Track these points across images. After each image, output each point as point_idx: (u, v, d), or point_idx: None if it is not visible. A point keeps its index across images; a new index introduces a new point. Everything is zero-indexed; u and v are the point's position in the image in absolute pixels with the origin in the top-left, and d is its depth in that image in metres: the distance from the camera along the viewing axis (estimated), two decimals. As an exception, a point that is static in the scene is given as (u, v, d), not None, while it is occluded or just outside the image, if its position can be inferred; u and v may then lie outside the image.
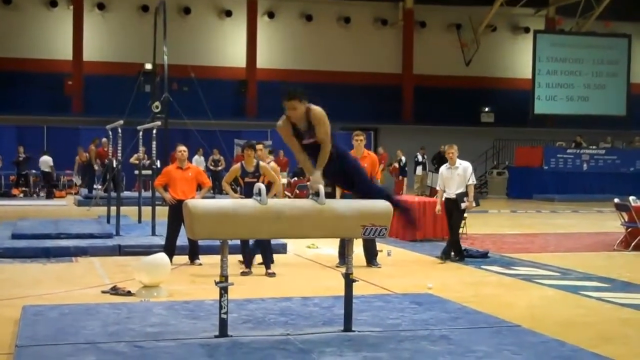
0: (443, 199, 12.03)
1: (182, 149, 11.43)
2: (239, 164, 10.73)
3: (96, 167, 25.05)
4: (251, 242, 10.43)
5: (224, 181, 10.84)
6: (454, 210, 11.93)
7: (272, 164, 11.30)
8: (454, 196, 11.87)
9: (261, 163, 10.50)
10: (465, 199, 11.87)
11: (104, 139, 22.86)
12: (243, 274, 10.26)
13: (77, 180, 27.51)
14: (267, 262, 10.51)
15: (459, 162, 12.03)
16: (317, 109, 6.29)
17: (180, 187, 11.08)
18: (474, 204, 12.33)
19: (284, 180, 21.68)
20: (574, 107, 34.75)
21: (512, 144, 32.37)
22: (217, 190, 26.61)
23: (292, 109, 6.24)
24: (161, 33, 23.62)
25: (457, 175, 11.89)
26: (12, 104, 29.95)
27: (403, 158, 26.98)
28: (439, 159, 29.12)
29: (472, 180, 12.16)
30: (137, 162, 18.79)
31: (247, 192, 10.07)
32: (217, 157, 27.20)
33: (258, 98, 32.72)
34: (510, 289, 9.82)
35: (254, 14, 33.63)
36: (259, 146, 11.17)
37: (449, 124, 33.48)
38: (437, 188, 12.33)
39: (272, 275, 10.31)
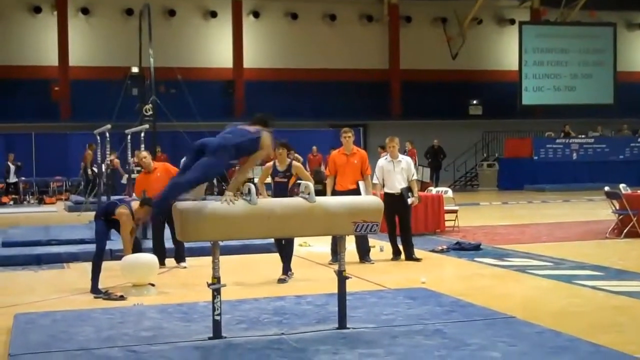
0: (382, 193, 11.63)
1: (142, 155, 11.58)
2: (271, 163, 10.26)
3: (89, 172, 24.96)
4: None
5: (259, 181, 10.39)
6: (398, 206, 11.58)
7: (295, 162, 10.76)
8: (398, 191, 11.57)
9: (294, 163, 10.04)
10: (410, 194, 11.65)
11: (91, 144, 22.82)
12: (280, 281, 9.79)
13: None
14: (285, 265, 10.02)
15: (400, 156, 11.81)
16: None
17: (154, 190, 10.87)
18: (417, 201, 11.96)
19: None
20: (561, 97, 34.81)
21: (501, 135, 32.42)
22: (207, 191, 26.56)
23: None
24: (146, 36, 23.53)
25: (400, 170, 11.60)
26: (-1, 111, 29.86)
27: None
28: (432, 153, 29.21)
29: (415, 176, 12.01)
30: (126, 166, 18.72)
31: (277, 191, 9.80)
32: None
33: (246, 98, 32.66)
34: (503, 280, 9.82)
35: (239, 14, 33.59)
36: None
37: (438, 118, 33.54)
38: (375, 182, 11.73)
39: (283, 281, 9.82)
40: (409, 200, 11.61)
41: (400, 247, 11.70)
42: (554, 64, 34.64)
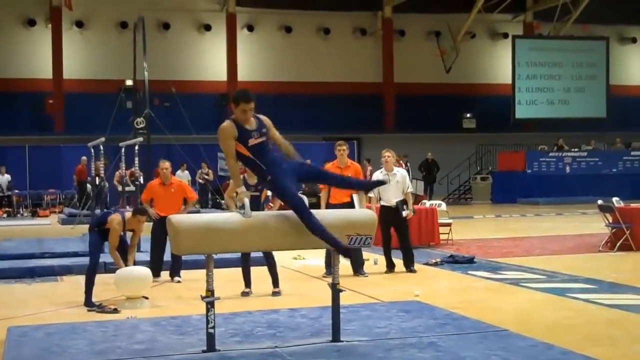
0: (378, 206, 11.69)
1: (165, 165, 11.30)
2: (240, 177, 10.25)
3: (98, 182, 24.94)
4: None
5: (227, 195, 10.21)
6: (395, 219, 11.62)
7: None
8: (394, 204, 11.61)
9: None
10: (405, 207, 11.67)
11: (84, 157, 22.81)
12: (243, 294, 9.81)
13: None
14: (274, 277, 9.95)
15: (395, 169, 11.84)
16: (267, 117, 6.51)
17: (164, 204, 10.95)
18: (412, 213, 11.98)
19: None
20: (554, 110, 34.92)
21: (495, 149, 32.50)
22: (203, 204, 26.58)
23: (250, 111, 6.32)
24: (141, 49, 23.58)
25: (395, 183, 11.62)
26: (-8, 124, 29.82)
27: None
28: (427, 167, 29.27)
29: (410, 188, 12.04)
30: (119, 179, 18.76)
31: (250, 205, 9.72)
32: (206, 170, 27.16)
33: (240, 111, 32.64)
34: (497, 293, 9.83)
35: (233, 28, 33.66)
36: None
37: (431, 132, 33.59)
38: (370, 195, 11.67)
39: (278, 294, 9.81)
40: (404, 213, 11.65)
41: (394, 261, 11.72)
42: (547, 78, 34.78)
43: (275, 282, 9.92)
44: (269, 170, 6.26)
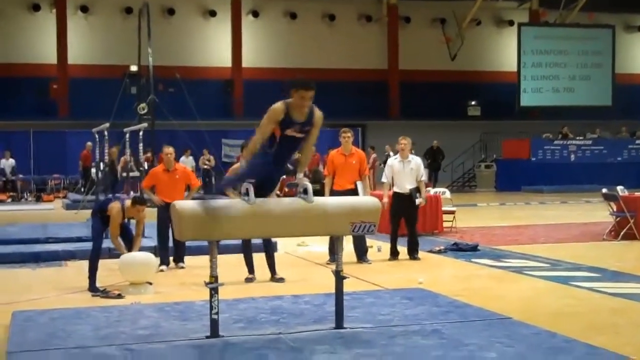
0: (391, 192, 11.71)
1: (168, 151, 11.15)
2: (238, 164, 10.27)
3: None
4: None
5: None
6: (407, 206, 11.64)
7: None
8: (408, 191, 11.60)
9: None
10: (418, 195, 11.68)
11: (89, 143, 22.81)
12: (247, 280, 9.83)
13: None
14: (272, 265, 9.98)
15: (410, 156, 11.83)
16: (320, 112, 6.29)
17: (168, 190, 10.82)
18: (424, 202, 12.00)
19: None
20: (559, 98, 34.86)
21: (499, 136, 32.45)
22: (206, 190, 26.58)
23: (308, 100, 6.14)
24: (145, 34, 23.51)
25: (410, 170, 11.63)
26: (-3, 109, 29.84)
27: (391, 153, 26.96)
28: (432, 154, 29.21)
29: (424, 177, 12.03)
30: (124, 165, 18.71)
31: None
32: (207, 156, 27.17)
33: (244, 97, 32.67)
34: (500, 281, 9.84)
35: (238, 14, 33.60)
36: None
37: (436, 119, 33.54)
38: (384, 180, 11.87)
39: (281, 280, 9.82)
40: (417, 201, 11.65)
41: (398, 249, 11.73)
42: (553, 66, 34.70)
43: (273, 270, 9.93)
44: (260, 159, 6.16)
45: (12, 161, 26.62)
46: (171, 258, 10.94)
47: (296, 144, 6.28)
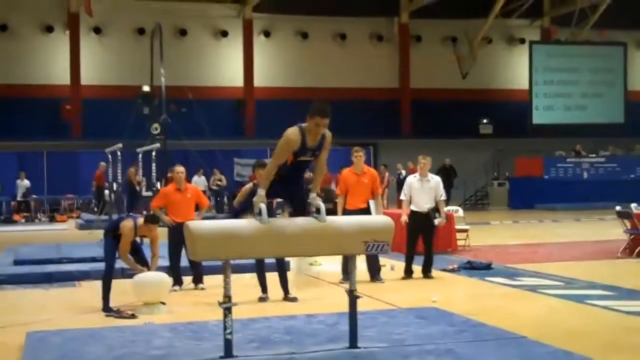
0: (409, 210, 11.69)
1: (179, 170, 11.12)
2: (250, 185, 10.22)
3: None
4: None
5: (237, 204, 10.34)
6: (425, 225, 11.63)
7: None
8: (426, 210, 11.60)
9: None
10: (436, 214, 11.67)
11: (103, 163, 22.92)
12: (261, 299, 9.83)
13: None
14: (285, 284, 10.00)
15: (430, 175, 11.83)
16: (329, 133, 6.35)
17: (179, 210, 10.81)
18: (444, 221, 11.97)
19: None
20: (572, 116, 34.80)
21: (512, 154, 32.35)
22: (218, 210, 26.64)
23: (322, 127, 6.21)
24: (158, 55, 23.70)
25: (429, 189, 11.64)
26: (11, 130, 29.95)
27: (403, 172, 26.96)
28: (444, 172, 29.14)
29: (443, 196, 12.00)
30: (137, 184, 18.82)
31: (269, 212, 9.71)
32: (218, 176, 27.23)
33: (256, 117, 32.76)
34: (514, 299, 9.79)
35: (249, 34, 33.74)
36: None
37: (448, 137, 33.50)
38: (402, 198, 11.90)
39: (294, 300, 9.85)
40: (436, 221, 11.64)
41: (413, 267, 11.70)
42: (565, 83, 34.67)
43: (286, 289, 9.94)
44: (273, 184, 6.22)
45: (27, 182, 26.75)
46: (190, 278, 10.90)
47: (306, 166, 6.38)
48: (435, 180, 11.81)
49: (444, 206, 12.04)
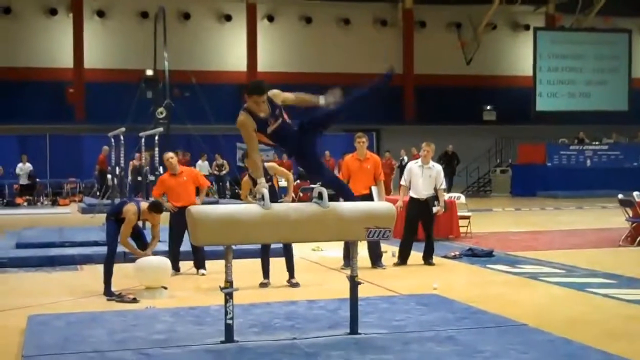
0: (407, 197, 11.67)
1: (169, 155, 11.17)
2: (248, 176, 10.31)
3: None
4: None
5: (242, 196, 10.36)
6: (423, 212, 11.62)
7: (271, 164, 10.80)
8: (424, 197, 11.60)
9: (267, 164, 9.82)
10: (436, 203, 11.67)
11: (106, 147, 22.93)
12: (262, 285, 9.85)
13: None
14: (291, 268, 10.02)
15: (432, 163, 11.82)
16: (273, 90, 6.54)
17: (178, 194, 10.84)
18: (442, 210, 11.97)
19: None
20: (575, 103, 34.73)
21: (515, 141, 32.31)
22: (221, 194, 26.67)
23: (262, 103, 6.37)
24: (161, 39, 23.67)
25: (428, 177, 11.62)
26: (14, 113, 29.98)
27: (405, 158, 26.97)
28: (447, 159, 29.15)
29: (444, 185, 11.98)
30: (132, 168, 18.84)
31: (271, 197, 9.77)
32: (220, 161, 27.23)
33: (260, 101, 32.68)
34: (515, 287, 9.81)
35: (253, 18, 33.67)
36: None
37: (451, 123, 33.45)
38: (402, 183, 11.86)
39: (297, 285, 9.87)
40: (434, 209, 11.64)
41: (413, 254, 11.71)
42: (569, 70, 34.59)
43: (292, 273, 9.97)
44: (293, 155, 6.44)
45: (29, 165, 26.77)
46: (192, 263, 10.93)
47: (286, 130, 6.41)
48: (437, 168, 11.80)
49: (443, 195, 12.03)
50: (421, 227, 11.88)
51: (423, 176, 11.63)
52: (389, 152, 27.26)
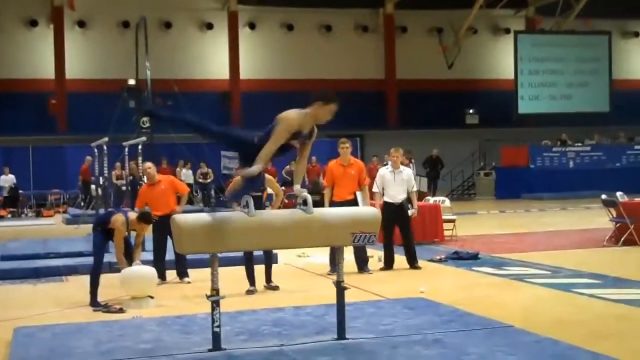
0: (382, 202, 11.71)
1: (147, 165, 11.30)
2: None
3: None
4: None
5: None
6: (399, 216, 11.70)
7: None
8: (399, 201, 11.70)
9: (266, 176, 9.48)
10: (410, 205, 11.78)
11: (89, 157, 22.85)
12: (248, 292, 9.86)
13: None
14: (269, 273, 10.15)
15: (402, 167, 11.95)
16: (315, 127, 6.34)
17: (158, 203, 10.81)
18: (416, 213, 12.04)
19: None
20: (557, 105, 34.89)
21: (498, 144, 32.43)
22: (206, 202, 26.62)
23: (331, 116, 6.24)
24: (143, 48, 23.58)
25: (401, 180, 11.75)
26: (-4, 125, 29.83)
27: (389, 163, 26.96)
28: (431, 163, 29.24)
29: (415, 188, 12.13)
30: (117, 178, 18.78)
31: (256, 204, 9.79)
32: (204, 170, 27.19)
33: (242, 109, 32.68)
34: (501, 289, 9.83)
35: (235, 26, 33.64)
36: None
37: (434, 127, 33.51)
38: (375, 190, 11.93)
39: (276, 288, 10.04)
40: (410, 212, 11.71)
41: (395, 257, 11.73)
42: (550, 73, 34.75)
43: (268, 278, 10.06)
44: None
45: (11, 177, 26.63)
46: (174, 272, 10.92)
47: (286, 151, 6.28)
48: (407, 172, 11.99)
49: (415, 197, 12.12)
50: (398, 231, 11.91)
51: (396, 181, 11.74)
52: (377, 156, 27.27)
